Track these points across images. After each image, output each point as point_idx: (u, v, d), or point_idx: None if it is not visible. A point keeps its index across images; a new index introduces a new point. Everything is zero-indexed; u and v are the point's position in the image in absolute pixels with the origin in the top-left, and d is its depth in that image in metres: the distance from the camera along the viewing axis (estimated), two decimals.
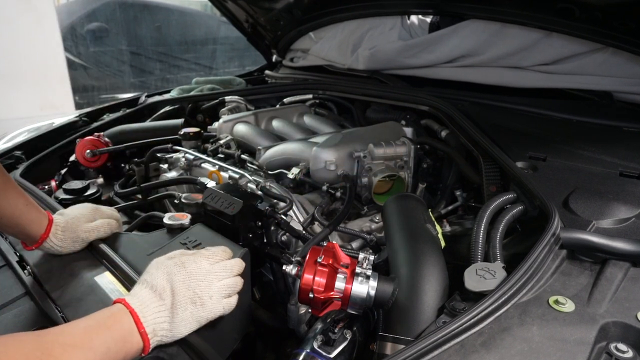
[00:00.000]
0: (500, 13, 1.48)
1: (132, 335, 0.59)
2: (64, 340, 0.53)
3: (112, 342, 0.57)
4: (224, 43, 6.79)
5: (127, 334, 0.59)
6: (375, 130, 1.38)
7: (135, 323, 0.60)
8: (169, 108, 1.90)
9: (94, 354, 0.54)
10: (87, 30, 5.71)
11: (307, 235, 1.00)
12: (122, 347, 0.58)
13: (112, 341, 0.57)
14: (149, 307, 0.62)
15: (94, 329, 0.57)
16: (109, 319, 0.59)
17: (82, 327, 0.57)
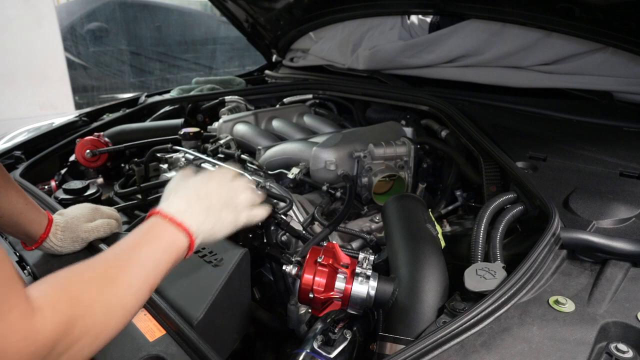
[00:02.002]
0: (501, 13, 1.48)
1: (176, 239, 0.64)
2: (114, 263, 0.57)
3: (159, 253, 0.61)
4: (224, 43, 6.79)
5: (171, 240, 0.63)
6: (375, 130, 1.38)
7: (177, 226, 0.64)
8: (169, 108, 1.89)
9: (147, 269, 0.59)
10: (87, 30, 5.71)
11: (307, 235, 1.00)
12: (169, 255, 0.62)
13: (159, 252, 0.61)
14: (187, 211, 0.66)
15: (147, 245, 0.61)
16: (148, 234, 0.63)
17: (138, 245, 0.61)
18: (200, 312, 0.74)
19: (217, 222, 0.70)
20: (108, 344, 0.67)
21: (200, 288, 0.79)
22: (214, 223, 0.69)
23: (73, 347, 0.49)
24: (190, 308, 0.75)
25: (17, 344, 0.42)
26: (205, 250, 0.88)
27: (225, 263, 0.83)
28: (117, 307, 0.55)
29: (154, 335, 0.71)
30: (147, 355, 0.66)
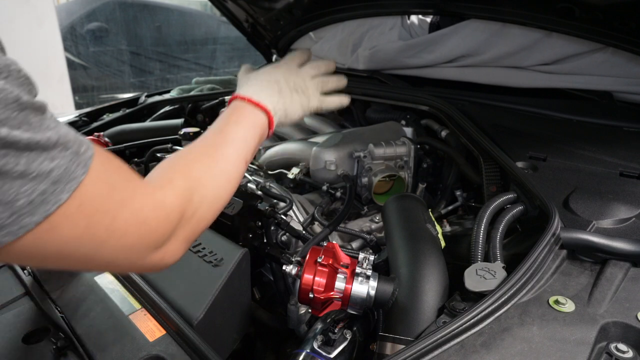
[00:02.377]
0: (501, 13, 1.48)
1: (257, 118, 0.73)
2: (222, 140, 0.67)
3: (245, 131, 0.70)
4: (224, 43, 6.78)
5: (253, 119, 0.73)
6: (375, 130, 1.38)
7: (256, 105, 0.73)
8: (168, 108, 1.89)
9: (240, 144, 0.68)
10: (87, 30, 5.71)
11: (307, 235, 1.00)
12: (254, 131, 0.72)
13: (245, 129, 0.70)
14: (262, 93, 0.75)
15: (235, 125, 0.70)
16: (233, 115, 0.72)
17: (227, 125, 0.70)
18: (200, 312, 0.74)
19: (290, 103, 0.78)
20: (108, 344, 0.67)
21: (200, 288, 0.79)
22: (287, 104, 0.78)
23: (196, 213, 0.58)
24: (190, 308, 0.75)
25: (152, 213, 0.50)
26: (205, 250, 0.88)
27: (225, 263, 0.83)
28: (221, 177, 0.64)
29: (154, 335, 0.71)
30: (147, 355, 0.67)
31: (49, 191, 0.40)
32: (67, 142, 0.42)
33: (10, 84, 0.37)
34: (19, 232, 0.39)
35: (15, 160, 0.37)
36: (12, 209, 0.38)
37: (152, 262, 0.53)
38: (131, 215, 0.48)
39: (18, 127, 0.37)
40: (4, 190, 0.37)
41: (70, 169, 0.42)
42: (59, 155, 0.41)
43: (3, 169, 0.37)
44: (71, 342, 0.71)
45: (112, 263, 0.50)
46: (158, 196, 0.52)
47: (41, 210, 0.40)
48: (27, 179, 0.38)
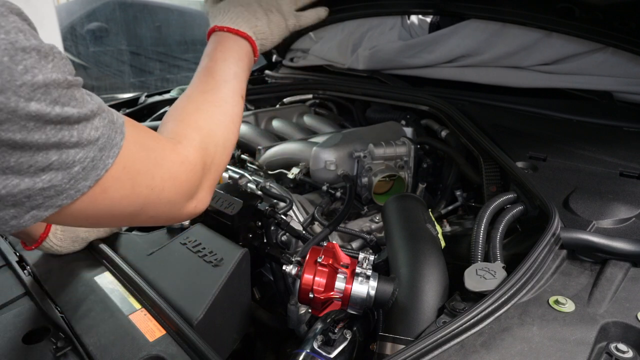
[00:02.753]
0: (500, 13, 1.48)
1: (241, 47, 0.75)
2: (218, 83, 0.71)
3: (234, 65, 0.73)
4: None
5: (237, 49, 0.75)
6: (375, 130, 1.38)
7: (236, 34, 0.75)
8: (168, 108, 1.89)
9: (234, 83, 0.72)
10: (87, 30, 5.70)
11: (307, 235, 1.00)
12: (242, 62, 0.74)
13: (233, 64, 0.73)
14: (239, 19, 0.76)
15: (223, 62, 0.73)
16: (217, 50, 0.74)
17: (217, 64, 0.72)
18: (200, 312, 0.74)
19: (267, 25, 0.80)
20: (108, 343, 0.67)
21: (200, 288, 0.79)
22: (265, 26, 0.79)
23: (214, 161, 0.64)
24: (190, 308, 0.75)
25: (180, 168, 0.57)
26: (205, 250, 0.88)
27: (225, 263, 0.83)
28: (225, 120, 0.69)
29: (154, 335, 0.71)
30: (147, 355, 0.67)
31: (97, 157, 0.46)
32: (102, 112, 0.47)
33: (57, 66, 0.42)
34: (75, 195, 0.45)
35: (69, 132, 0.42)
36: (70, 174, 0.44)
37: (188, 211, 0.60)
38: (165, 173, 0.54)
39: (68, 104, 0.42)
40: (63, 159, 0.42)
41: (111, 136, 0.47)
42: (100, 124, 0.46)
43: (61, 140, 0.42)
44: (71, 342, 0.71)
45: (155, 217, 0.56)
46: (182, 152, 0.58)
47: (93, 175, 0.45)
48: (80, 148, 0.44)
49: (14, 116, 0.37)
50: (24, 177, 0.40)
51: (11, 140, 0.38)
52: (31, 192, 0.42)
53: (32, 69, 0.39)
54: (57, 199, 0.44)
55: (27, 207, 0.43)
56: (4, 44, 0.37)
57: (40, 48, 0.40)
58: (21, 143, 0.39)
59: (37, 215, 0.44)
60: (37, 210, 0.43)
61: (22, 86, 0.38)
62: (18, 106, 0.37)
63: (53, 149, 0.41)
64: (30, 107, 0.38)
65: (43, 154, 0.41)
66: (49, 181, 0.42)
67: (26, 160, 0.40)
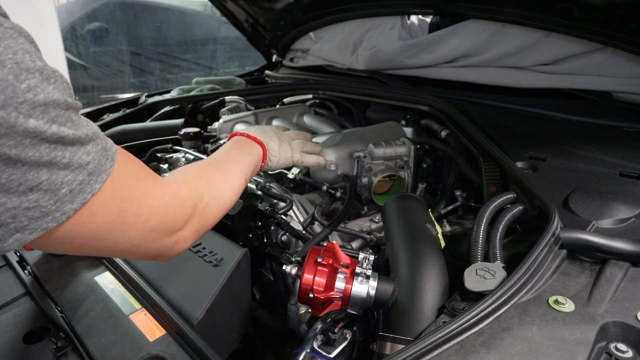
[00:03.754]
0: (500, 13, 1.48)
1: (254, 148, 0.91)
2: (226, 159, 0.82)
3: (245, 156, 0.87)
4: (224, 43, 6.78)
5: (251, 150, 0.90)
6: (375, 130, 1.38)
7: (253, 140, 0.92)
8: (169, 108, 1.89)
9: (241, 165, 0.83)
10: (87, 31, 5.70)
11: (307, 235, 1.00)
12: (252, 158, 0.88)
13: (245, 154, 0.87)
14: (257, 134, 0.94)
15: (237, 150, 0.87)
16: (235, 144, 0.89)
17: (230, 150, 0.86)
18: (201, 312, 0.74)
19: (279, 148, 0.96)
20: (108, 343, 0.67)
21: (200, 288, 0.79)
22: (277, 148, 0.96)
23: (206, 208, 0.67)
24: (190, 308, 0.75)
25: (170, 201, 0.59)
26: (205, 250, 0.88)
27: (225, 263, 0.83)
28: (226, 185, 0.75)
29: (154, 335, 0.71)
30: (147, 355, 0.67)
31: (85, 181, 0.46)
32: (97, 138, 0.49)
33: (58, 88, 0.43)
34: (61, 217, 0.45)
35: (62, 153, 0.43)
36: (57, 196, 0.44)
37: (166, 246, 0.61)
38: (154, 202, 0.56)
39: (65, 124, 0.43)
40: (52, 180, 0.43)
41: (102, 162, 0.48)
42: (92, 150, 0.47)
43: (54, 160, 0.43)
44: (71, 342, 0.71)
45: (135, 246, 0.56)
46: (174, 188, 0.61)
47: (79, 198, 0.46)
48: (69, 170, 0.44)
49: (11, 131, 0.38)
50: (11, 196, 0.41)
51: (6, 156, 0.39)
52: (17, 212, 0.42)
53: (34, 87, 0.40)
54: (42, 220, 0.44)
55: (12, 229, 0.43)
56: (10, 63, 0.38)
57: (43, 70, 0.42)
58: (15, 159, 0.40)
59: (21, 238, 0.44)
60: (22, 232, 0.43)
61: (23, 103, 0.39)
62: (17, 122, 0.38)
63: (44, 168, 0.42)
64: (29, 123, 0.39)
65: (34, 172, 0.41)
66: (35, 201, 0.42)
67: (17, 178, 0.40)
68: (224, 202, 0.73)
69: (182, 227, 0.62)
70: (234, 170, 0.79)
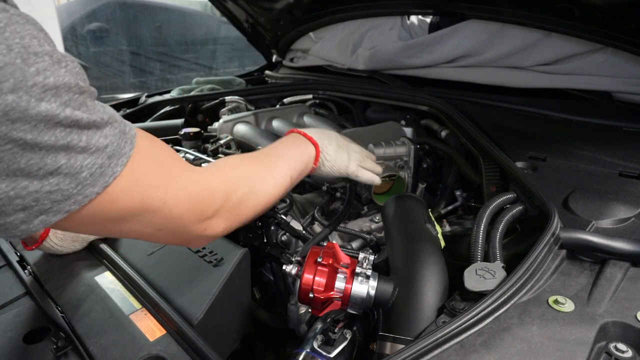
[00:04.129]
0: (500, 13, 1.48)
1: (306, 149, 0.87)
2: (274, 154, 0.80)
3: (296, 153, 0.83)
4: (224, 43, 6.78)
5: (304, 148, 0.86)
6: (375, 130, 1.38)
7: (309, 139, 0.88)
8: (169, 108, 1.89)
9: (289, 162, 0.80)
10: (88, 31, 5.70)
11: (307, 235, 1.00)
12: (302, 157, 0.85)
13: (296, 152, 0.84)
14: (314, 134, 0.90)
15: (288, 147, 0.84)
16: (288, 140, 0.86)
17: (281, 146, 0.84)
18: (201, 312, 0.74)
19: (335, 154, 0.91)
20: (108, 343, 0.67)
21: (200, 288, 0.79)
22: (333, 153, 0.91)
23: (242, 200, 0.65)
24: (190, 308, 0.75)
25: (198, 188, 0.58)
26: (205, 250, 0.88)
27: (225, 263, 0.83)
28: (269, 180, 0.73)
29: (154, 335, 0.71)
30: (147, 355, 0.67)
31: (105, 164, 0.46)
32: (114, 122, 0.48)
33: (70, 72, 0.43)
34: (83, 201, 0.45)
35: (78, 137, 0.43)
36: (77, 179, 0.44)
37: (196, 232, 0.60)
38: (180, 189, 0.55)
39: (79, 108, 0.43)
40: (71, 164, 0.43)
41: (120, 145, 0.48)
42: (110, 133, 0.47)
43: (70, 144, 0.42)
44: (71, 342, 0.71)
45: (162, 230, 0.56)
46: (204, 176, 0.60)
47: (101, 182, 0.46)
48: (88, 153, 0.44)
49: (25, 115, 0.39)
50: (32, 180, 0.41)
51: (22, 140, 0.39)
52: (39, 196, 0.42)
53: (44, 71, 0.40)
54: (64, 204, 0.44)
55: (36, 211, 0.43)
56: (17, 48, 0.38)
57: (52, 54, 0.42)
58: (31, 143, 0.40)
59: (46, 220, 0.44)
60: (46, 215, 0.44)
61: (34, 87, 0.39)
62: (29, 105, 0.38)
63: (62, 152, 0.42)
64: (41, 107, 0.39)
65: (52, 156, 0.42)
66: (56, 185, 0.43)
67: (35, 163, 0.41)
68: (263, 197, 0.71)
69: (213, 216, 0.61)
70: (279, 166, 0.77)
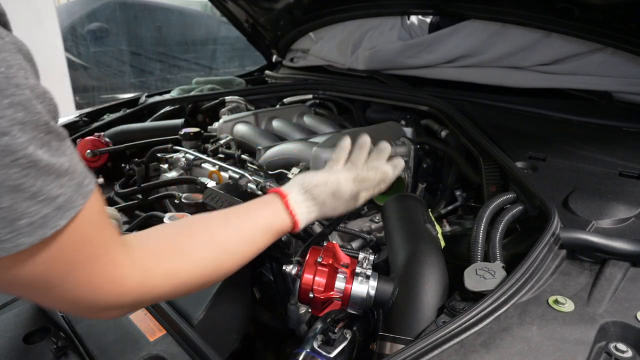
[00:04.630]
0: (500, 13, 1.48)
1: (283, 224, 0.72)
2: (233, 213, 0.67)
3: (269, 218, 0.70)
4: (224, 43, 6.78)
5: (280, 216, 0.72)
6: (375, 130, 1.38)
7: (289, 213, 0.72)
8: (169, 108, 1.90)
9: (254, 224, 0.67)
10: (88, 31, 5.70)
11: (307, 235, 1.00)
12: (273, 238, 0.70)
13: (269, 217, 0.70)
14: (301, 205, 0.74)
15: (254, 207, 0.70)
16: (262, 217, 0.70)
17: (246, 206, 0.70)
18: (201, 312, 0.74)
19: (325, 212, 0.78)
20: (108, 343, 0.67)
21: None
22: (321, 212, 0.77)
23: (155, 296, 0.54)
24: (190, 308, 0.75)
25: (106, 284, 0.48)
26: None
27: None
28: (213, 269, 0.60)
29: (154, 335, 0.71)
30: (147, 355, 0.67)
31: (50, 215, 0.41)
32: (74, 172, 0.43)
33: (45, 109, 0.40)
34: (12, 249, 0.39)
35: (32, 181, 0.39)
36: (13, 226, 0.38)
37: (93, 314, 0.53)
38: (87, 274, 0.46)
39: (41, 147, 0.39)
40: (13, 208, 0.38)
41: (73, 198, 0.42)
42: (67, 183, 0.42)
43: (20, 187, 0.38)
44: (72, 342, 0.71)
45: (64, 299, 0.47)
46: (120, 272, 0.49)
47: (39, 233, 0.40)
48: (35, 201, 0.39)
49: None
50: None
51: None
52: None
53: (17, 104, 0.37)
54: None
55: None
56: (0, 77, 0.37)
57: (35, 87, 0.40)
58: None
59: None
60: None
61: (2, 118, 0.36)
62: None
63: (8, 194, 0.37)
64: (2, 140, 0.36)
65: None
66: None
67: None
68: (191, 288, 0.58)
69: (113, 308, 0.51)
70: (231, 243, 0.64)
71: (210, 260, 0.60)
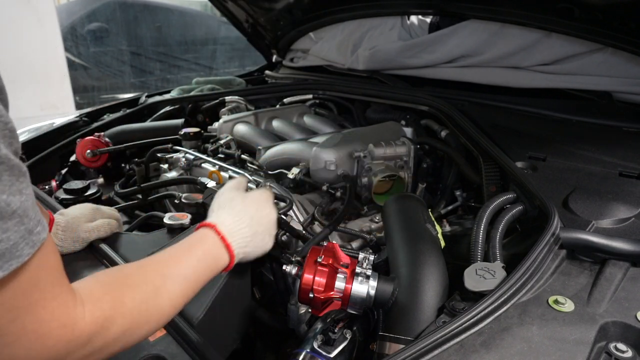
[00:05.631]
0: (500, 13, 1.48)
1: (220, 260, 0.67)
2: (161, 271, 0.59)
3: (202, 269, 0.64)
4: (224, 43, 6.79)
5: (216, 252, 0.67)
6: (375, 130, 1.38)
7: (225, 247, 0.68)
8: (169, 108, 1.90)
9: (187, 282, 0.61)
10: (88, 31, 5.71)
11: (307, 235, 1.00)
12: (211, 272, 0.65)
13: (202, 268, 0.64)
14: (235, 234, 0.70)
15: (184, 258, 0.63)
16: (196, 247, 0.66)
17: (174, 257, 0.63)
18: (201, 312, 0.74)
19: (254, 247, 0.74)
20: None
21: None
22: (252, 248, 0.73)
23: (107, 344, 0.50)
24: (190, 308, 0.75)
25: (55, 331, 0.43)
26: None
27: None
28: (155, 313, 0.56)
29: (154, 334, 0.71)
30: (147, 355, 0.67)
31: None
32: (25, 216, 0.38)
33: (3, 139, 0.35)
34: None
35: None
36: None
37: None
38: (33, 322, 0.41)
39: None
40: None
41: (18, 246, 0.37)
42: (12, 227, 0.36)
43: None
44: None
45: None
46: (74, 313, 0.45)
47: None
48: None
49: None
50: None
51: None
52: None
53: None
54: None
55: None
56: None
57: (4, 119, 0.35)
58: None
59: None
60: None
61: None
62: None
63: None
64: None
65: None
66: None
67: None
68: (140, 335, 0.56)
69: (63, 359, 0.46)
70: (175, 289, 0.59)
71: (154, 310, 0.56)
